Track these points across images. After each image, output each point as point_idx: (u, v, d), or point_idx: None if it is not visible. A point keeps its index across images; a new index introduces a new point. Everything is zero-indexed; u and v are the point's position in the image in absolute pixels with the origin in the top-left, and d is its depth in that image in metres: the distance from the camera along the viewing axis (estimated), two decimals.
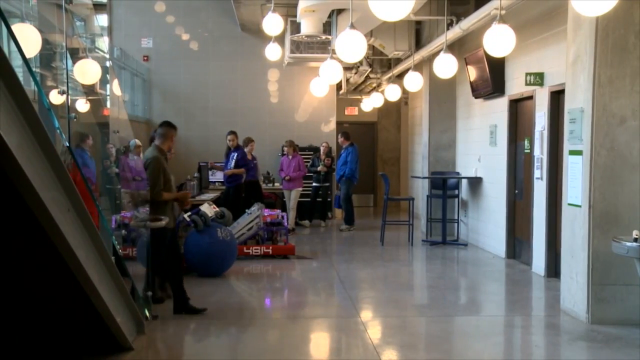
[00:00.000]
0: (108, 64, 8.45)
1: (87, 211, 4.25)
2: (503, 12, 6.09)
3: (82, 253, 4.09)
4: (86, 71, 6.38)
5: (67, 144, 4.26)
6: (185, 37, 14.04)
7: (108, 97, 7.41)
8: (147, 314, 5.76)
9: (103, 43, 10.65)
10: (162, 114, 14.08)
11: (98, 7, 13.29)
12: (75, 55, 6.22)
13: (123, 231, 5.77)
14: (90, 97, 6.44)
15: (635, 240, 5.12)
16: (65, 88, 4.92)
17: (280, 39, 10.07)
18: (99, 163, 7.10)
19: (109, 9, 13.87)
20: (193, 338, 5.63)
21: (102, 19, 13.68)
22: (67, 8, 5.28)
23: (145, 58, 13.96)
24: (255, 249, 9.52)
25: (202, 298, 6.62)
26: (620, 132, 5.83)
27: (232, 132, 11.27)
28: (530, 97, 8.40)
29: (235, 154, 11.09)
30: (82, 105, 6.64)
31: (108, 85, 7.19)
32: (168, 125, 6.40)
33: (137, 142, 9.53)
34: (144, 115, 13.85)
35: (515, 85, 8.85)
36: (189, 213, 8.29)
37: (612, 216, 5.84)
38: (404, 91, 12.71)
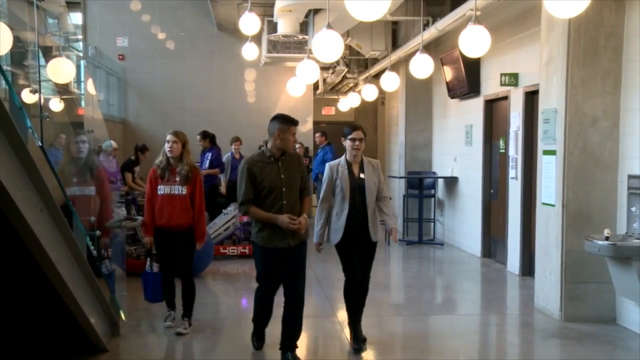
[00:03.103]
0: (82, 62, 8.36)
1: (61, 212, 4.20)
2: (478, 13, 6.13)
3: (54, 254, 4.04)
4: (60, 70, 6.30)
5: (40, 144, 4.19)
6: (161, 36, 13.94)
7: (82, 97, 7.33)
8: (122, 315, 5.70)
9: (77, 41, 10.54)
10: (138, 114, 13.99)
11: (72, 5, 13.14)
12: (49, 53, 6.13)
13: (97, 232, 5.69)
14: (64, 97, 6.36)
15: (607, 238, 5.19)
16: (37, 87, 4.85)
17: (257, 39, 10.03)
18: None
19: (83, 7, 13.71)
20: (169, 339, 5.59)
21: (76, 17, 13.52)
22: (39, 5, 5.20)
23: (121, 57, 13.82)
24: (232, 249, 9.49)
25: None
26: (592, 132, 5.91)
27: (200, 134, 11.14)
28: (505, 98, 8.48)
29: (210, 154, 11.01)
30: (56, 105, 6.55)
31: (82, 84, 7.11)
32: (273, 120, 4.85)
33: (113, 143, 9.45)
34: (120, 115, 13.72)
35: (491, 86, 8.94)
36: None
37: (584, 215, 5.92)
38: (381, 91, 12.75)
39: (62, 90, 6.45)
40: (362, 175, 5.20)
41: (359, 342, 5.22)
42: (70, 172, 5.51)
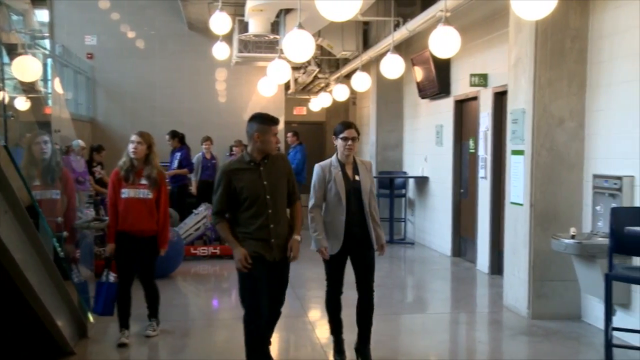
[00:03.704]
0: (50, 61, 8.23)
1: (27, 213, 4.12)
2: (448, 14, 6.19)
3: (19, 256, 3.97)
4: (25, 68, 6.19)
5: (4, 143, 4.12)
6: (131, 35, 13.79)
7: (50, 95, 7.21)
8: (90, 317, 5.62)
9: (44, 39, 10.36)
10: (107, 113, 13.82)
11: (37, 2, 12.92)
12: (13, 51, 6.02)
13: (65, 232, 5.60)
14: (30, 95, 6.25)
15: (573, 237, 5.29)
16: (1, 85, 4.75)
17: (228, 38, 9.99)
18: None
19: (50, 4, 13.48)
20: (138, 340, 5.52)
21: (42, 15, 13.29)
22: (2, 1, 5.10)
23: (89, 56, 13.64)
24: (202, 250, 9.43)
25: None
26: (559, 133, 6.01)
27: (168, 133, 11.05)
28: (475, 98, 8.58)
29: (179, 154, 10.92)
30: (22, 103, 6.44)
31: (50, 83, 7.00)
32: (251, 120, 4.37)
33: (81, 142, 9.31)
34: (88, 114, 13.54)
35: (461, 86, 9.03)
36: None
37: (551, 214, 6.02)
38: (352, 91, 12.78)
39: (28, 88, 6.34)
40: (357, 177, 4.72)
41: None
42: (33, 174, 5.36)
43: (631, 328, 5.00)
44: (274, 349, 5.15)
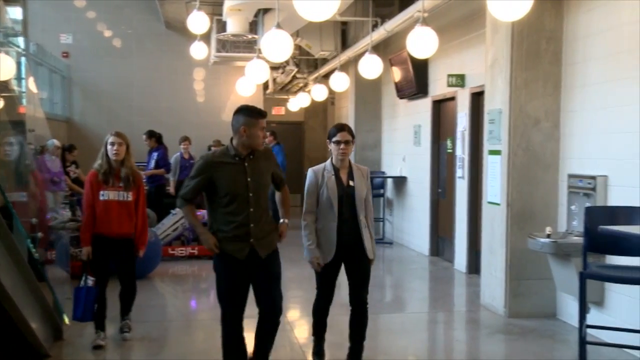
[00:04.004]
0: (23, 59, 8.12)
1: None
2: (426, 14, 6.23)
3: None
4: None
5: None
6: (107, 33, 13.64)
7: (24, 95, 7.12)
8: (65, 318, 5.56)
9: (17, 37, 10.20)
10: (84, 113, 13.66)
11: (10, 0, 12.72)
12: None
13: (39, 234, 5.53)
14: (3, 94, 6.17)
15: (548, 236, 5.35)
16: None
17: (206, 38, 9.95)
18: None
19: (23, 2, 13.28)
20: (115, 342, 5.47)
21: (15, 12, 13.08)
22: None
23: (65, 54, 13.46)
24: (180, 250, 9.38)
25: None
26: (534, 133, 6.07)
27: (145, 133, 10.97)
28: (453, 98, 8.63)
29: (156, 154, 10.85)
30: None
31: (23, 82, 6.91)
32: (237, 113, 4.17)
33: (56, 142, 9.20)
34: (64, 114, 13.37)
35: (438, 86, 9.08)
36: None
37: (527, 214, 6.08)
38: (331, 91, 12.81)
39: (1, 87, 6.24)
40: (351, 183, 4.50)
41: None
42: (1, 175, 5.24)
43: (605, 325, 5.07)
44: (251, 349, 5.13)
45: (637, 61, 5.01)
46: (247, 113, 4.05)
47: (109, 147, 5.20)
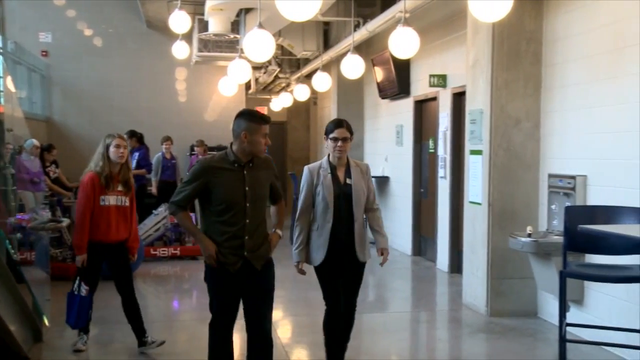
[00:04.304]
0: (0, 58, 8.02)
1: None
2: (407, 15, 6.25)
3: None
4: None
5: None
6: (88, 32, 13.53)
7: (1, 94, 7.02)
8: (45, 320, 5.50)
9: None
10: (64, 112, 13.54)
11: None
12: None
13: (19, 234, 5.47)
14: None
15: (529, 235, 5.40)
16: None
17: (187, 37, 9.90)
18: None
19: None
20: (96, 344, 5.42)
21: None
22: None
23: (44, 53, 13.33)
24: (162, 250, 9.33)
25: (105, 302, 6.38)
26: (515, 133, 6.12)
27: (127, 133, 10.89)
28: (434, 98, 8.67)
29: (137, 154, 10.78)
30: None
31: (1, 81, 6.81)
32: (239, 117, 3.88)
33: (35, 142, 9.10)
34: (44, 113, 13.23)
35: (420, 87, 9.12)
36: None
37: (509, 213, 6.13)
38: (313, 91, 12.82)
39: None
40: (348, 181, 4.30)
41: None
42: None
43: (584, 323, 5.12)
44: (235, 350, 5.11)
45: (614, 62, 5.07)
46: (250, 118, 3.79)
47: (112, 149, 4.97)
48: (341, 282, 4.39)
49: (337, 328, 4.39)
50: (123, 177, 5.08)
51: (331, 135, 4.28)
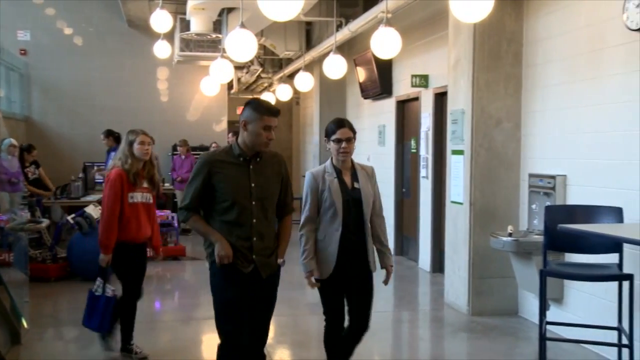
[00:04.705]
0: None
1: None
2: (389, 15, 6.27)
3: None
4: None
5: None
6: (68, 31, 13.38)
7: None
8: (24, 322, 5.43)
9: None
10: (44, 112, 13.38)
11: None
12: None
13: None
14: None
15: (510, 235, 5.44)
16: None
17: (169, 37, 9.84)
18: None
19: None
20: (75, 346, 5.37)
21: None
22: None
23: (23, 52, 13.16)
24: None
25: (85, 303, 6.33)
26: (496, 133, 6.16)
27: (103, 133, 10.82)
28: (416, 99, 8.70)
29: (114, 153, 10.69)
30: None
31: None
32: (246, 105, 3.62)
33: (13, 141, 8.99)
34: (22, 113, 13.07)
35: (402, 87, 9.15)
36: (72, 215, 7.94)
37: (490, 213, 6.17)
38: (295, 91, 12.81)
39: None
40: (356, 185, 3.98)
41: None
42: None
43: (564, 322, 5.18)
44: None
45: (593, 63, 5.13)
46: (254, 106, 3.52)
47: (137, 146, 4.81)
48: (353, 297, 4.01)
49: (338, 342, 4.06)
50: (148, 174, 4.94)
51: (334, 137, 3.96)
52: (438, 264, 8.10)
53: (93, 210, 8.03)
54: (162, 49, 9.44)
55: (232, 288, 3.50)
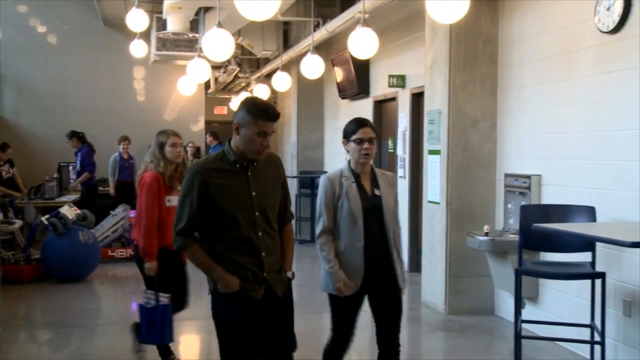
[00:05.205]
0: None
1: None
2: (366, 15, 6.29)
3: None
4: None
5: None
6: (41, 29, 13.19)
7: None
8: None
9: None
10: (17, 111, 13.18)
11: None
12: None
13: None
14: None
15: (486, 234, 5.49)
16: None
17: (145, 36, 9.77)
18: None
19: None
20: (49, 349, 5.31)
21: None
22: None
23: None
24: (120, 252, 9.18)
25: (61, 305, 6.28)
26: (473, 133, 6.22)
27: (67, 135, 10.72)
28: (393, 99, 8.74)
29: (80, 154, 10.62)
30: None
31: None
32: (241, 106, 3.13)
33: None
34: None
35: (380, 87, 9.18)
36: (47, 216, 7.84)
37: (467, 212, 6.21)
38: (273, 91, 12.78)
39: None
40: (377, 192, 3.59)
41: None
42: None
43: (539, 320, 5.24)
44: (195, 350, 5.06)
45: (567, 64, 5.19)
46: (248, 108, 3.03)
47: (168, 148, 4.55)
48: (383, 319, 3.68)
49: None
50: (181, 175, 4.57)
51: (354, 137, 3.57)
52: (415, 264, 8.14)
53: (68, 211, 7.95)
54: (138, 48, 9.37)
55: (242, 318, 3.01)
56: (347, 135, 3.64)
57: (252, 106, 3.04)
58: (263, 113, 3.02)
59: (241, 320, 3.00)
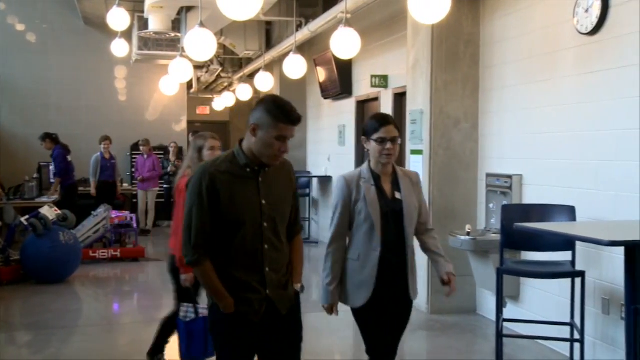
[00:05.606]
0: None
1: None
2: (349, 15, 6.29)
3: None
4: None
5: None
6: (20, 27, 13.03)
7: None
8: None
9: None
10: None
11: None
12: None
13: None
14: None
15: (468, 234, 5.52)
16: None
17: (127, 35, 9.69)
18: None
19: None
20: (28, 351, 5.25)
21: None
22: None
23: None
24: (102, 252, 9.11)
25: (41, 307, 6.21)
26: (455, 133, 6.25)
27: (40, 137, 10.61)
28: (376, 99, 8.76)
29: (56, 153, 10.51)
30: None
31: None
32: (259, 105, 2.85)
33: None
34: None
35: (362, 87, 9.19)
36: (27, 216, 7.76)
37: (449, 212, 6.25)
38: (256, 91, 12.74)
39: None
40: (397, 195, 3.27)
41: None
42: None
43: (520, 319, 5.29)
44: (176, 351, 5.02)
45: (548, 65, 5.24)
46: (269, 108, 2.73)
47: (207, 152, 4.24)
48: (389, 328, 3.44)
49: None
50: None
51: (376, 136, 3.23)
52: None
53: (48, 212, 7.87)
54: (119, 48, 9.29)
55: (238, 338, 2.79)
56: (367, 133, 3.29)
57: (273, 107, 2.73)
58: (285, 115, 2.72)
59: (237, 340, 2.80)
